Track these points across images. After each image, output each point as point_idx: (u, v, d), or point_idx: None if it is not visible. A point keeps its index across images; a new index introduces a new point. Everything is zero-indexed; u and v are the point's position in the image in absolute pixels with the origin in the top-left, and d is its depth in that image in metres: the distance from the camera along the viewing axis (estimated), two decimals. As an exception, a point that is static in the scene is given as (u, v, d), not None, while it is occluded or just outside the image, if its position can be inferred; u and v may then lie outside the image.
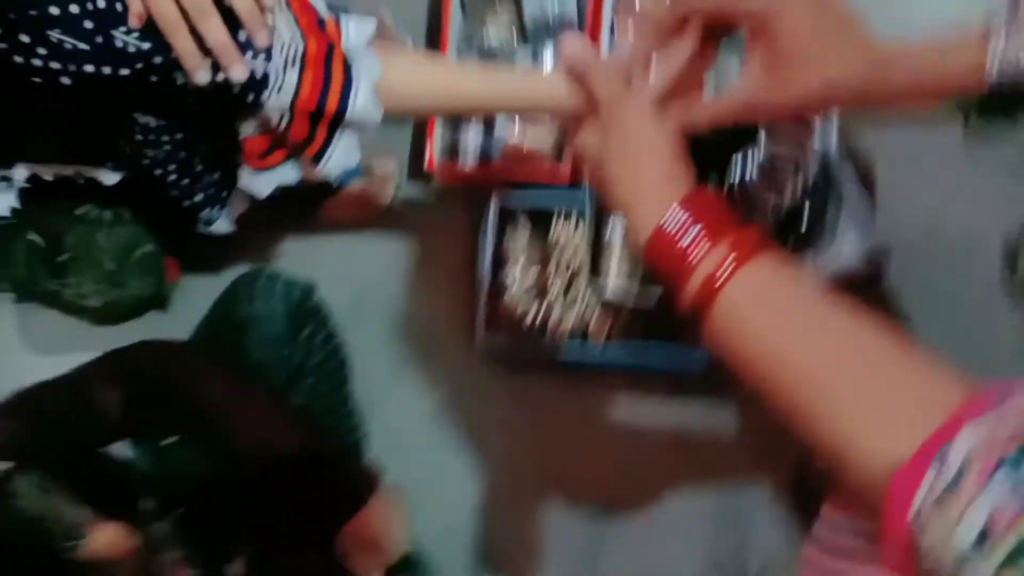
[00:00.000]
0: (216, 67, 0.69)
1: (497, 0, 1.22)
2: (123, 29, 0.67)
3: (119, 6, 0.67)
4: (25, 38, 0.66)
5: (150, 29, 0.67)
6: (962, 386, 0.41)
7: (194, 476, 0.97)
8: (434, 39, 1.27)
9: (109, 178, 0.98)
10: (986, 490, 0.35)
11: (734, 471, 1.18)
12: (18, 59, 0.68)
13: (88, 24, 0.66)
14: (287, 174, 0.79)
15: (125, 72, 0.69)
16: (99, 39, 0.67)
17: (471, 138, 1.21)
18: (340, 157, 0.77)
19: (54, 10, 0.65)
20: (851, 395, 0.44)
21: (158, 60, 0.68)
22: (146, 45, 0.68)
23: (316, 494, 0.98)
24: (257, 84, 0.70)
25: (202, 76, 0.68)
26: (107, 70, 0.68)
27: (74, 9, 0.66)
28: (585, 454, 1.19)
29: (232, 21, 0.68)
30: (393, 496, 1.00)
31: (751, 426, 1.17)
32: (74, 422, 0.88)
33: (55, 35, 0.66)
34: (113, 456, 0.93)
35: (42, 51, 0.67)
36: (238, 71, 0.68)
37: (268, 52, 0.70)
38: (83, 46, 0.67)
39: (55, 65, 0.68)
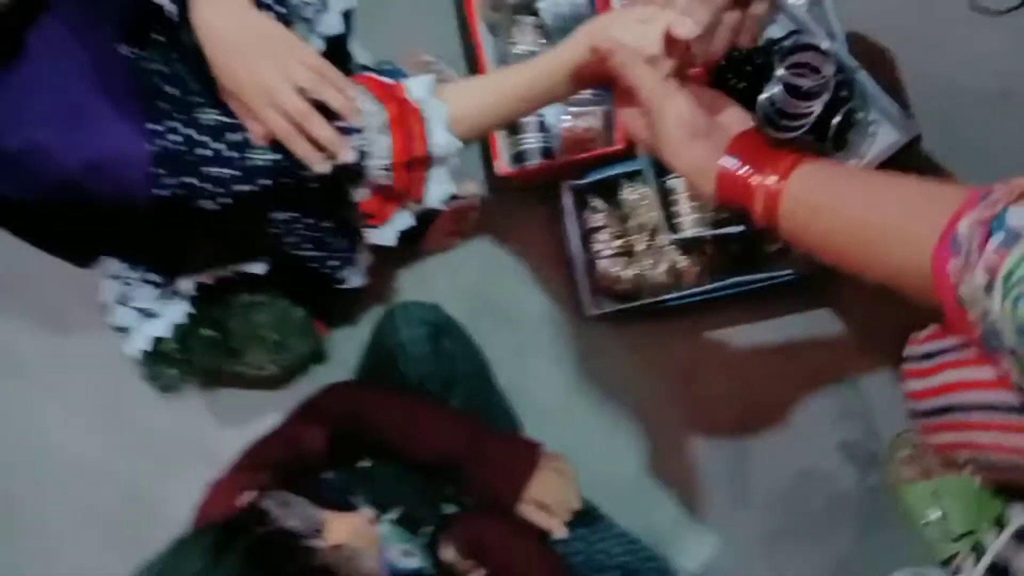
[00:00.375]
0: (330, 156, 0.86)
1: (518, 14, 1.36)
2: (256, 150, 0.85)
3: (248, 134, 0.86)
4: (195, 181, 0.85)
5: (274, 143, 0.85)
6: (964, 191, 0.55)
7: (396, 484, 1.10)
8: (473, 65, 1.42)
9: (258, 268, 1.18)
10: (983, 254, 0.50)
11: (845, 368, 1.26)
12: (198, 204, 0.86)
13: (233, 154, 0.85)
14: (404, 221, 0.95)
15: (266, 182, 0.86)
16: (242, 163, 0.85)
17: (531, 140, 1.34)
18: (438, 190, 0.91)
19: (207, 152, 0.84)
20: (892, 223, 0.60)
21: (286, 164, 0.86)
22: (276, 156, 0.85)
23: (494, 475, 1.11)
24: (362, 157, 0.87)
25: (322, 167, 0.85)
26: (253, 186, 0.86)
27: (220, 147, 0.84)
28: (708, 384, 1.30)
29: (329, 113, 0.85)
30: (556, 461, 1.13)
31: (849, 324, 1.26)
32: (293, 462, 1.04)
33: (213, 171, 0.84)
34: (327, 479, 1.07)
35: (217, 191, 0.85)
36: (347, 154, 0.84)
37: (362, 129, 0.87)
38: (234, 172, 0.85)
39: (219, 189, 0.86)
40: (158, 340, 1.26)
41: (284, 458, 1.03)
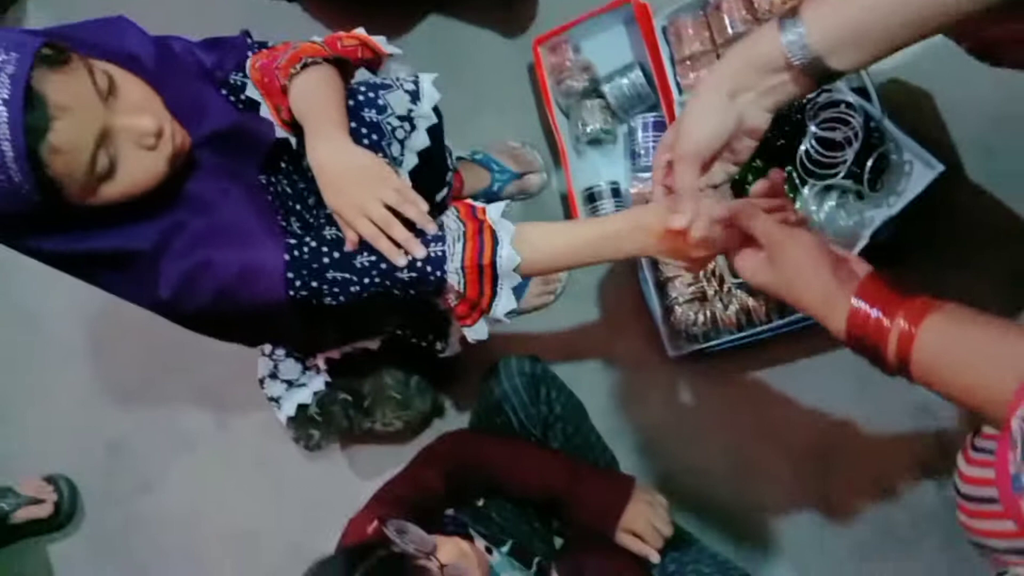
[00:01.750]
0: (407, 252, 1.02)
1: (586, 98, 1.54)
2: (361, 256, 1.03)
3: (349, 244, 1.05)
4: (320, 284, 1.04)
5: (367, 247, 1.03)
6: None
7: (508, 520, 1.24)
8: (552, 145, 1.61)
9: (374, 344, 1.38)
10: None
11: (913, 390, 1.28)
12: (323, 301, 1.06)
13: (347, 260, 1.03)
14: (485, 328, 1.07)
15: (371, 280, 1.04)
16: (353, 266, 1.03)
17: (607, 206, 1.51)
18: (504, 304, 1.04)
19: (328, 260, 1.03)
20: (996, 383, 0.66)
21: (383, 265, 1.03)
22: (372, 258, 1.03)
23: (592, 508, 1.22)
24: (439, 260, 1.03)
25: (401, 260, 1.02)
26: (362, 287, 1.04)
27: (337, 255, 1.03)
28: (788, 412, 1.38)
29: (411, 223, 1.03)
30: (648, 493, 1.23)
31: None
32: (415, 499, 1.18)
33: (335, 275, 1.03)
34: (448, 515, 1.21)
35: (336, 290, 1.04)
36: (418, 251, 1.01)
37: (443, 238, 1.03)
38: (348, 275, 1.03)
39: (336, 289, 1.05)
40: (303, 406, 1.49)
41: (407, 496, 1.19)
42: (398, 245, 1.01)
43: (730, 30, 1.39)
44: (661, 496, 1.24)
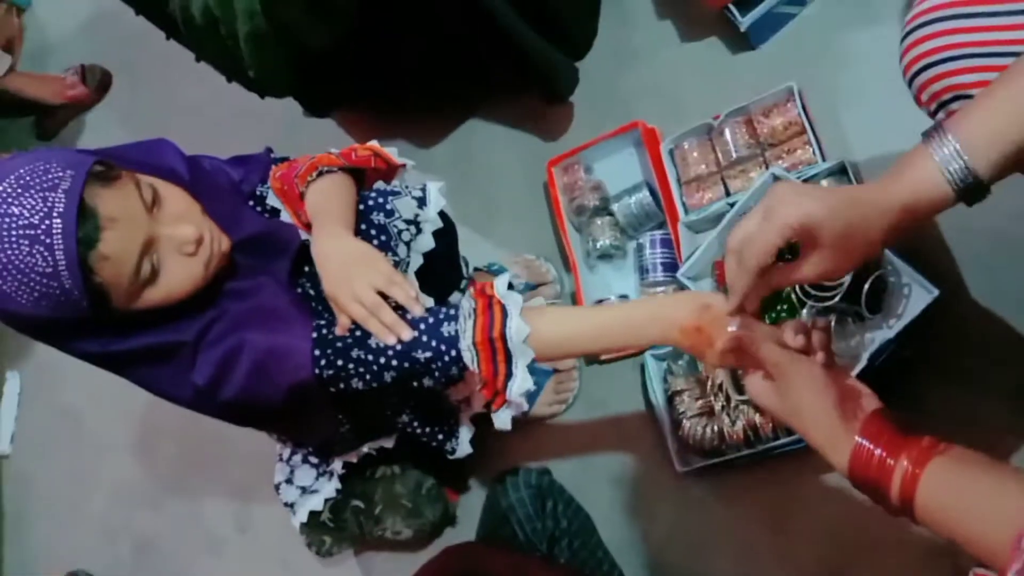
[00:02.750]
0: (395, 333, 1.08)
1: (597, 215, 1.61)
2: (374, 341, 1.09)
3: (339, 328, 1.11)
4: (346, 362, 1.10)
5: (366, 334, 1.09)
6: None
7: None
8: (564, 258, 1.66)
9: (388, 443, 1.42)
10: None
11: None
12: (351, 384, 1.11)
13: (367, 341, 1.09)
14: (509, 416, 1.12)
15: (388, 360, 1.09)
16: (370, 346, 1.09)
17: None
18: (520, 384, 1.08)
19: (350, 340, 1.09)
20: (992, 536, 0.67)
21: (398, 346, 1.08)
22: (371, 357, 1.09)
23: None
24: (453, 339, 1.08)
25: (390, 340, 1.08)
26: (383, 367, 1.09)
27: (359, 335, 1.09)
28: (800, 528, 1.35)
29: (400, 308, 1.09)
30: None
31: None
32: None
33: (359, 353, 1.09)
34: None
35: (361, 370, 1.10)
36: (406, 334, 1.08)
37: (456, 317, 1.09)
38: (369, 355, 1.09)
39: (361, 369, 1.10)
40: (315, 513, 1.52)
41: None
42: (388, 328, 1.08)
43: (734, 154, 1.45)
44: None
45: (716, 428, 1.39)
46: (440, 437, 1.31)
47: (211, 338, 1.08)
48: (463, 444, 1.31)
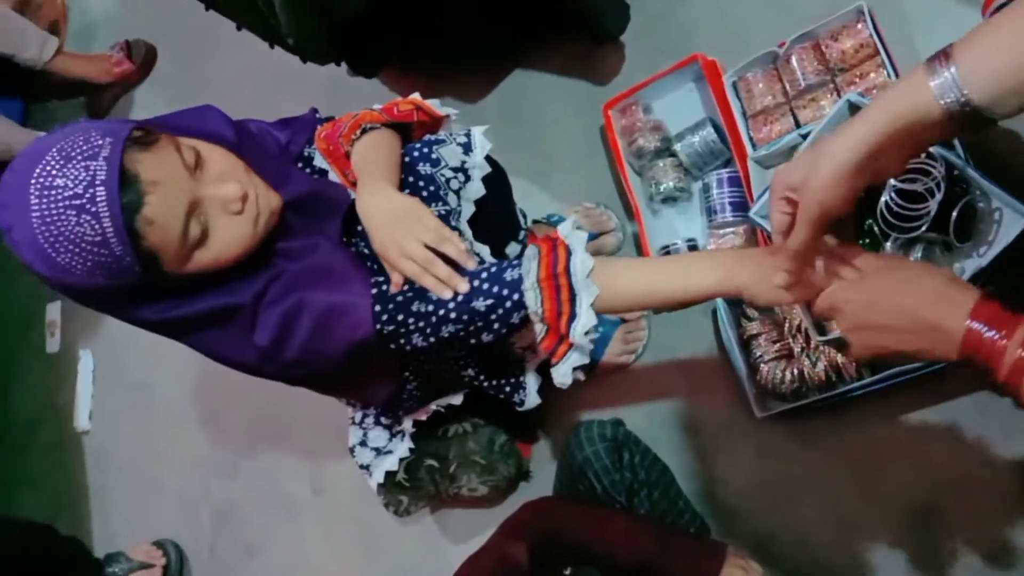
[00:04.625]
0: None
1: (659, 157, 1.54)
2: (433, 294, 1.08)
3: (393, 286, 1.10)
4: (405, 317, 1.08)
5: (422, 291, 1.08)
6: None
7: None
8: (627, 205, 1.61)
9: (457, 399, 1.41)
10: None
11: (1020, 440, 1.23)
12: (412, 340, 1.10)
13: (425, 294, 1.08)
14: (574, 360, 1.09)
15: (448, 312, 1.07)
16: (430, 297, 1.07)
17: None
18: (586, 319, 1.05)
19: (410, 294, 1.08)
20: None
21: (459, 297, 1.07)
22: (431, 307, 1.08)
23: (682, 570, 1.19)
24: (516, 282, 1.06)
25: (447, 294, 1.07)
26: (443, 320, 1.07)
27: (417, 289, 1.08)
28: (888, 471, 1.31)
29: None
30: (742, 559, 1.20)
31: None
32: (502, 574, 1.18)
33: (420, 307, 1.07)
34: None
35: (421, 324, 1.08)
36: (462, 286, 1.06)
37: (520, 264, 1.06)
38: (429, 308, 1.07)
39: (421, 323, 1.08)
40: (390, 473, 1.52)
41: (492, 569, 1.19)
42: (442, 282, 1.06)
43: (802, 82, 1.38)
44: (755, 562, 1.20)
45: (796, 371, 1.34)
46: (507, 390, 1.29)
47: (269, 299, 1.08)
48: (531, 395, 1.29)
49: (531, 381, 1.32)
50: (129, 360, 2.45)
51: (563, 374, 1.11)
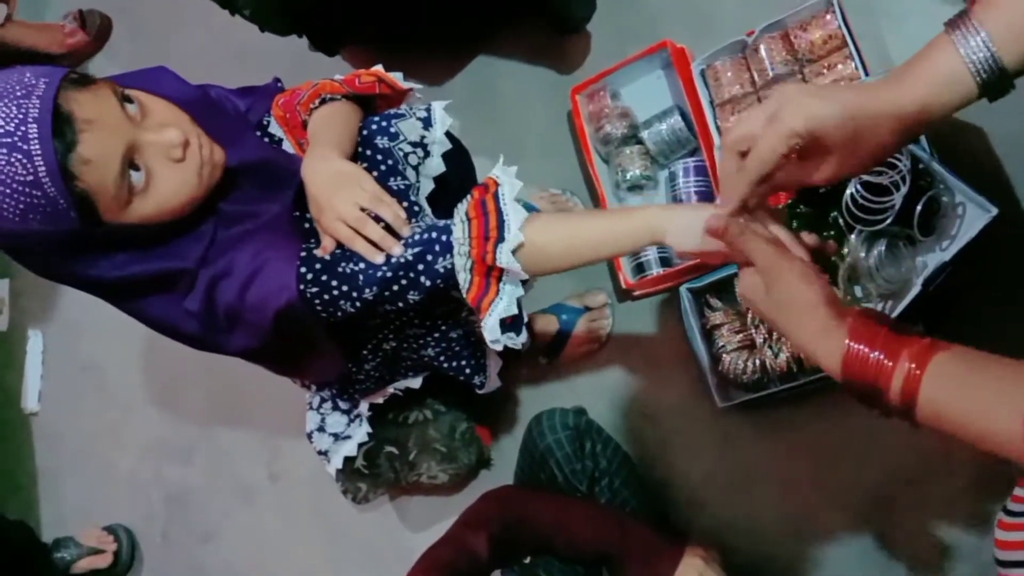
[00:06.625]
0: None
1: (625, 144, 1.53)
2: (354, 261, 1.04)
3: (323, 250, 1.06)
4: (332, 280, 1.05)
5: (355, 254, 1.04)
6: None
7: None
8: (592, 192, 1.60)
9: (415, 382, 1.38)
10: None
11: None
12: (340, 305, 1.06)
13: (352, 255, 1.04)
14: (502, 309, 1.02)
15: (377, 270, 1.03)
16: (359, 261, 1.04)
17: (648, 253, 1.48)
18: (513, 236, 0.99)
19: (337, 252, 1.05)
20: (1009, 421, 0.63)
21: (381, 272, 1.03)
22: (361, 265, 1.04)
23: (643, 564, 1.19)
24: (447, 227, 1.03)
25: (379, 259, 1.03)
26: (370, 279, 1.04)
27: (342, 249, 1.05)
28: (843, 462, 1.33)
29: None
30: (700, 548, 1.19)
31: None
32: (461, 563, 1.16)
33: (346, 267, 1.04)
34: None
35: (346, 288, 1.05)
36: (395, 248, 1.04)
37: (449, 228, 1.03)
38: (356, 268, 1.04)
39: (347, 287, 1.04)
40: (349, 459, 1.49)
41: (452, 560, 1.18)
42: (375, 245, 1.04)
43: (770, 72, 1.37)
44: (715, 551, 1.21)
45: (758, 361, 1.35)
46: (468, 372, 1.27)
47: (207, 264, 1.05)
48: (491, 377, 1.27)
49: (492, 364, 1.30)
50: (80, 342, 2.38)
51: (491, 328, 1.03)
